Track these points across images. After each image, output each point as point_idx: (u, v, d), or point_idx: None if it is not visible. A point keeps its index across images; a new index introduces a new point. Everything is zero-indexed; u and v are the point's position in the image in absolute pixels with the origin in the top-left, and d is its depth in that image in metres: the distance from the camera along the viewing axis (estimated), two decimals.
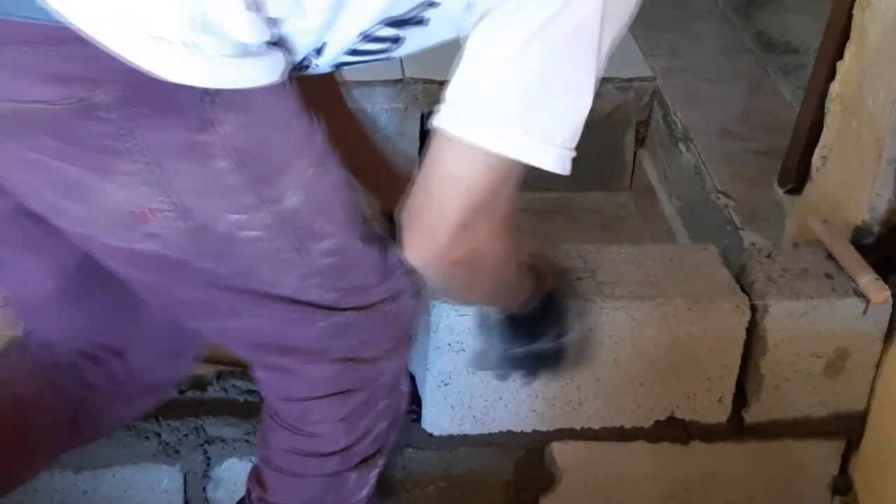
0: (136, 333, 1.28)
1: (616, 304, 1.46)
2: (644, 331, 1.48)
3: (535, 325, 1.31)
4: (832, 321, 1.52)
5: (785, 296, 1.51)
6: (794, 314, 1.51)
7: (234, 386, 1.56)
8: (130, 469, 1.52)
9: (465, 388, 1.50)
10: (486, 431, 1.54)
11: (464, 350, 1.47)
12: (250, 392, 1.56)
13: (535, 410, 1.53)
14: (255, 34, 0.93)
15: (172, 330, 1.26)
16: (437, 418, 1.53)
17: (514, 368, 1.37)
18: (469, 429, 1.53)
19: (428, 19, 1.01)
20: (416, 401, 1.53)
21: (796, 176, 2.08)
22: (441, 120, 1.00)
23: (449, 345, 1.46)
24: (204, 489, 1.55)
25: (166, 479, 1.54)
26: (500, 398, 1.51)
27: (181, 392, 1.56)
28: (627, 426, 1.57)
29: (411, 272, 1.14)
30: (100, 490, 1.51)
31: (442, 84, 1.01)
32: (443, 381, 1.49)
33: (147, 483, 1.54)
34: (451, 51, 1.02)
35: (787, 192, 2.14)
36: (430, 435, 1.54)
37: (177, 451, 1.51)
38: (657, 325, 1.48)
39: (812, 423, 1.61)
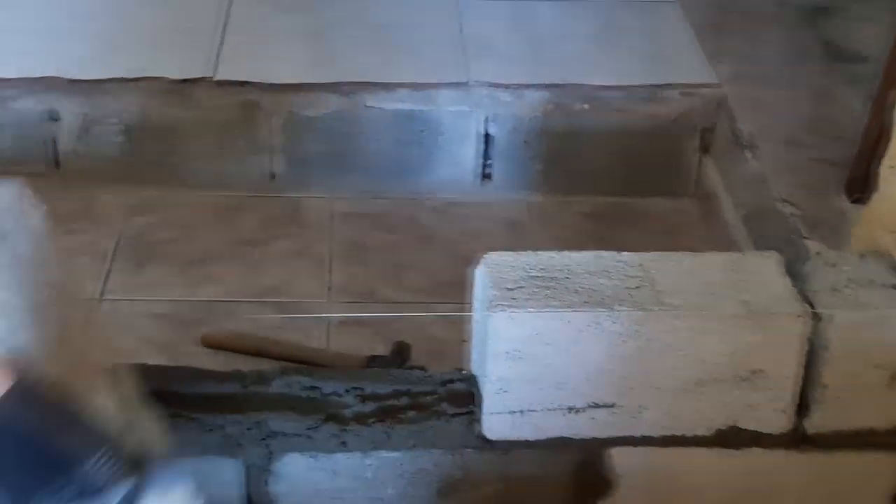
0: None
1: (675, 313, 1.46)
2: (703, 340, 1.48)
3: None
4: None
5: (849, 306, 1.50)
6: (858, 325, 1.49)
7: (296, 382, 1.59)
8: (192, 461, 1.55)
9: (523, 395, 1.50)
10: (544, 437, 1.54)
11: (521, 358, 1.47)
12: (312, 388, 1.58)
13: (594, 419, 1.53)
14: None
15: None
16: (496, 425, 1.53)
17: None
18: (528, 435, 1.54)
19: None
20: (475, 402, 1.55)
21: (863, 186, 2.06)
22: None
23: (506, 353, 1.47)
24: (265, 482, 1.57)
25: (228, 471, 1.57)
26: (560, 406, 1.52)
27: (245, 387, 1.59)
28: (688, 435, 1.56)
29: None
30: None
31: (507, 87, 1.01)
32: (501, 389, 1.50)
33: (209, 475, 1.57)
34: (517, 55, 1.01)
35: (853, 201, 2.12)
36: (489, 440, 1.55)
37: (239, 445, 1.54)
38: (716, 334, 1.47)
39: (874, 434, 1.59)
